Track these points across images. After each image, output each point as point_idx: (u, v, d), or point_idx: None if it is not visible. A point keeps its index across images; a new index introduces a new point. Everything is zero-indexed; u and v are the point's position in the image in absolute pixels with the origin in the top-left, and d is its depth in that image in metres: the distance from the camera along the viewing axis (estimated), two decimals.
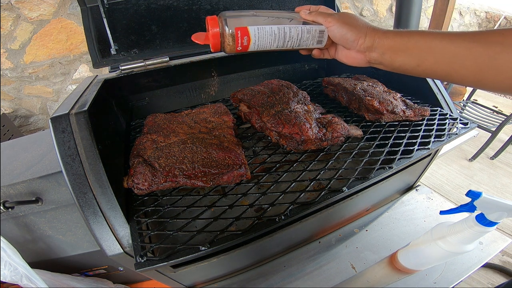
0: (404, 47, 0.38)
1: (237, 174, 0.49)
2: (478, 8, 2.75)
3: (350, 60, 0.46)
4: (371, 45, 0.41)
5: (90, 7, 0.69)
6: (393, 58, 0.40)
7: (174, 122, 0.60)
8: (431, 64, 0.37)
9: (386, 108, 0.65)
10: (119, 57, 0.72)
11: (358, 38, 0.41)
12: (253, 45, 0.43)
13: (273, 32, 0.43)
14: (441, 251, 0.55)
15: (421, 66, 0.38)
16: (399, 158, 0.55)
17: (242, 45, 0.43)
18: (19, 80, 1.46)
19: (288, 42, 0.45)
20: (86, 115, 0.45)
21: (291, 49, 0.47)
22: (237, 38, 0.42)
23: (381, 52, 0.40)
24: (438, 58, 0.36)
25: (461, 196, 1.55)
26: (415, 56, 0.38)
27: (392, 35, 0.39)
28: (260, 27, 0.42)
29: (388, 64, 0.41)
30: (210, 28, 0.42)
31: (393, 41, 0.39)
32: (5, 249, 0.55)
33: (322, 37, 0.46)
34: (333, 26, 0.43)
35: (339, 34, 0.43)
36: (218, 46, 0.44)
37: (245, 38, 0.42)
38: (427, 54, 0.37)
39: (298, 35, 0.45)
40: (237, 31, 0.41)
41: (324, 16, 0.44)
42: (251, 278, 0.66)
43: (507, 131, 1.80)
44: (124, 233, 0.44)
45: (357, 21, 0.42)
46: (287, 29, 0.44)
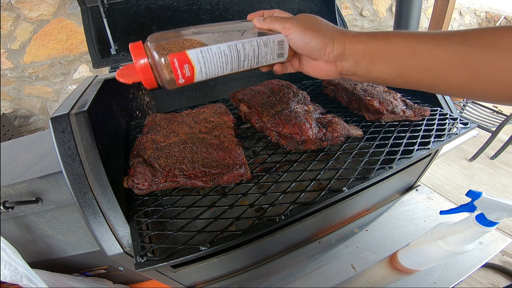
0: (382, 53, 0.32)
1: (237, 174, 0.49)
2: (478, 8, 2.75)
3: (318, 73, 0.39)
4: (341, 52, 0.34)
5: (90, 7, 0.69)
6: (369, 67, 0.33)
7: (174, 122, 0.60)
8: (415, 73, 0.31)
9: (386, 108, 0.65)
10: (119, 57, 0.72)
11: (325, 46, 0.34)
12: (199, 74, 0.33)
13: (223, 53, 0.33)
14: (441, 251, 0.55)
15: (404, 75, 0.32)
16: (399, 158, 0.55)
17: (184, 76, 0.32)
18: (19, 80, 1.46)
19: (243, 62, 0.36)
20: (86, 115, 0.45)
21: (248, 69, 0.38)
22: (175, 68, 0.31)
23: (354, 60, 0.34)
24: (424, 65, 0.30)
25: (461, 196, 1.55)
26: (396, 64, 0.31)
27: (366, 39, 0.33)
28: (204, 49, 0.32)
29: (364, 75, 0.35)
30: (135, 59, 0.32)
31: (367, 46, 0.32)
32: (5, 249, 0.55)
33: (282, 49, 0.37)
34: (293, 33, 0.35)
35: (301, 42, 0.35)
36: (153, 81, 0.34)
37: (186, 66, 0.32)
38: (410, 60, 0.30)
39: (255, 51, 0.35)
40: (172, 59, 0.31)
41: (281, 22, 0.36)
42: (251, 278, 0.66)
43: (507, 131, 1.80)
44: (124, 233, 0.44)
45: (321, 25, 0.35)
46: (240, 46, 0.34)
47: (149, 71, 0.33)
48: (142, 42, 0.33)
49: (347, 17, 2.08)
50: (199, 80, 0.35)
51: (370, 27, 2.21)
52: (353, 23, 2.13)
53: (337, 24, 0.91)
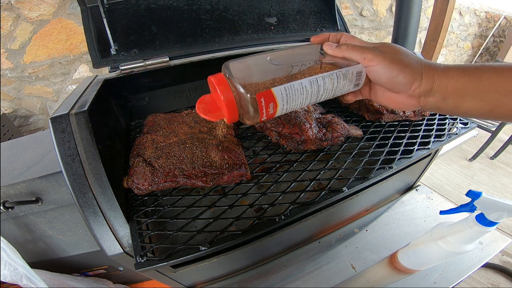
0: (475, 90, 0.30)
1: (237, 174, 0.49)
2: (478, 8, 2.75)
3: (395, 105, 0.36)
4: (429, 89, 0.32)
5: (90, 7, 0.69)
6: (457, 104, 0.32)
7: (174, 122, 0.60)
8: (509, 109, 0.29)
9: (386, 108, 0.65)
10: (119, 57, 0.72)
11: (412, 81, 0.32)
12: (280, 111, 0.32)
13: (305, 89, 0.31)
14: (441, 251, 0.55)
15: (495, 111, 0.31)
16: (399, 158, 0.55)
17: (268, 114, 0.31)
18: (19, 80, 1.46)
19: (322, 95, 0.34)
20: (86, 115, 0.45)
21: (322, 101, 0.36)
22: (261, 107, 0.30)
23: (441, 96, 0.32)
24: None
25: (461, 196, 1.55)
26: (488, 101, 0.30)
27: (458, 75, 0.31)
28: (287, 86, 0.31)
29: (450, 110, 0.33)
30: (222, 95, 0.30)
31: (458, 82, 0.31)
32: (5, 249, 0.55)
33: (359, 80, 0.35)
34: (376, 65, 0.33)
35: (387, 76, 0.32)
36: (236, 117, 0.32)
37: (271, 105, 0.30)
38: (505, 98, 0.29)
39: (334, 84, 0.33)
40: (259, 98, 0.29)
41: (361, 52, 0.33)
42: (251, 278, 0.66)
43: (507, 131, 1.80)
44: (124, 233, 0.44)
45: (408, 58, 0.32)
46: (321, 81, 0.32)
47: (235, 108, 0.31)
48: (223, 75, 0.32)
49: (347, 17, 2.08)
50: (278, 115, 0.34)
51: (370, 27, 2.21)
52: (353, 23, 2.13)
53: (337, 24, 0.91)
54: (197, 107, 0.34)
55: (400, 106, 0.36)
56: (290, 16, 0.90)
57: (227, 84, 0.31)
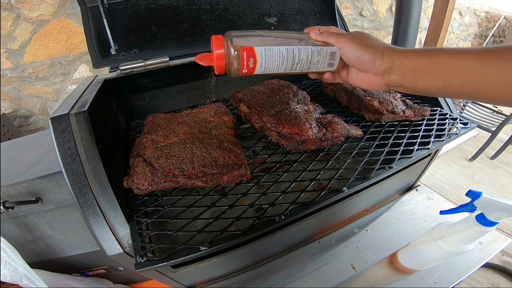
0: (428, 68, 0.35)
1: (237, 174, 0.49)
2: (478, 8, 2.75)
3: (366, 84, 0.42)
4: (389, 66, 0.37)
5: (90, 7, 0.69)
6: (416, 80, 0.37)
7: (174, 122, 0.60)
8: (458, 85, 0.34)
9: (386, 108, 0.65)
10: (119, 57, 0.72)
11: (375, 60, 0.38)
12: (259, 68, 0.40)
13: (281, 54, 0.40)
14: (441, 251, 0.55)
15: (447, 87, 0.35)
16: (399, 158, 0.55)
17: (248, 67, 0.40)
18: (19, 80, 1.46)
19: (297, 65, 0.42)
20: (86, 115, 0.45)
21: (299, 72, 0.44)
22: (243, 59, 0.39)
23: (401, 74, 0.37)
24: (466, 79, 0.33)
25: (461, 196, 1.55)
26: (440, 78, 0.35)
27: (413, 55, 0.36)
28: (267, 48, 0.39)
29: (410, 87, 0.38)
30: (215, 49, 0.39)
31: (414, 61, 0.36)
32: (5, 249, 0.55)
33: (333, 59, 0.42)
34: (346, 47, 0.40)
35: (354, 55, 0.39)
36: (222, 68, 0.41)
37: (251, 59, 0.39)
38: (453, 75, 0.34)
39: (308, 57, 0.41)
40: (242, 52, 0.38)
41: (337, 37, 0.40)
42: (251, 278, 0.66)
43: (507, 131, 1.80)
44: (124, 233, 0.44)
45: (373, 41, 0.39)
46: (296, 51, 0.40)
47: (222, 59, 0.40)
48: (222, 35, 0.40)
49: (347, 17, 2.08)
50: (258, 73, 0.42)
51: (370, 27, 2.21)
52: (353, 23, 2.13)
53: (337, 24, 0.92)
54: (195, 57, 0.43)
55: (370, 85, 0.42)
56: (290, 16, 0.90)
57: (222, 41, 0.39)
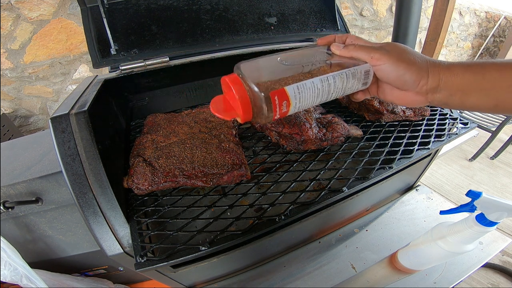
0: (479, 86, 0.32)
1: (237, 174, 0.49)
2: (478, 8, 2.75)
3: (403, 102, 0.38)
4: (436, 85, 0.33)
5: (90, 7, 0.69)
6: (463, 100, 0.33)
7: (174, 122, 0.60)
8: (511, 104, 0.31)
9: (386, 108, 0.65)
10: (119, 57, 0.72)
11: (419, 79, 0.33)
12: (293, 109, 0.33)
13: (316, 88, 0.33)
14: (441, 251, 0.55)
15: (499, 106, 0.32)
16: (399, 158, 0.55)
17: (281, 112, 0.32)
18: (19, 80, 1.46)
19: (332, 94, 0.35)
20: (86, 115, 0.45)
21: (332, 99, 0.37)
22: (275, 105, 0.31)
23: (448, 93, 0.33)
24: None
25: (461, 196, 1.55)
26: (493, 97, 0.32)
27: (461, 72, 0.32)
28: (300, 85, 0.32)
29: (457, 105, 0.35)
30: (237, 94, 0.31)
31: (463, 79, 0.32)
32: (5, 249, 0.55)
33: (367, 78, 0.36)
34: (383, 64, 0.34)
35: (394, 74, 0.34)
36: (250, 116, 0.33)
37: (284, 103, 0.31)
38: (508, 94, 0.31)
39: (343, 82, 0.35)
40: (273, 97, 0.30)
41: (368, 51, 0.35)
42: (251, 278, 0.66)
43: (507, 131, 1.80)
44: (124, 233, 0.44)
45: (414, 57, 0.34)
46: (331, 80, 0.34)
47: (249, 106, 0.32)
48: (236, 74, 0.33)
49: (347, 17, 2.08)
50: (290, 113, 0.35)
51: (370, 27, 2.21)
52: (353, 23, 2.13)
53: (337, 24, 0.91)
54: (211, 107, 0.35)
55: (408, 103, 0.37)
56: (290, 16, 0.90)
57: (242, 84, 0.32)
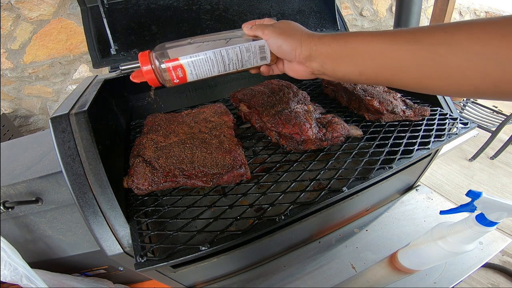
0: (343, 54, 0.33)
1: (237, 174, 0.49)
2: (478, 8, 2.75)
3: (295, 73, 0.42)
4: (309, 54, 0.36)
5: (90, 7, 0.69)
6: (334, 68, 0.35)
7: (174, 122, 0.60)
8: (373, 71, 0.32)
9: (386, 108, 0.65)
10: (119, 57, 0.72)
11: (294, 48, 0.37)
12: (190, 76, 0.41)
13: (209, 58, 0.40)
14: (441, 251, 0.55)
15: (364, 74, 0.33)
16: (399, 158, 0.55)
17: (178, 77, 0.41)
18: (19, 80, 1.46)
19: (229, 65, 0.42)
20: (86, 115, 0.45)
21: (235, 71, 0.44)
22: (170, 71, 0.40)
23: (320, 61, 0.36)
24: (380, 64, 0.31)
25: (461, 196, 1.55)
26: (356, 64, 0.33)
27: (329, 41, 0.34)
28: (193, 55, 0.39)
29: (331, 74, 0.37)
30: (142, 65, 0.41)
31: (330, 47, 0.34)
32: (5, 249, 0.55)
33: (264, 53, 0.42)
34: (269, 38, 0.39)
35: (276, 45, 0.39)
36: (155, 81, 0.42)
37: (179, 70, 0.40)
38: (368, 60, 0.32)
39: (238, 55, 0.41)
40: (168, 64, 0.39)
41: (262, 29, 0.40)
42: (251, 278, 0.66)
43: (507, 131, 1.80)
44: (124, 233, 0.44)
45: (292, 29, 0.38)
46: (224, 52, 0.40)
47: (151, 74, 0.41)
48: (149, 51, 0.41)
49: (347, 17, 2.08)
50: (191, 80, 0.42)
51: (370, 27, 2.21)
52: (353, 23, 2.13)
53: (337, 24, 0.91)
54: (131, 75, 0.44)
55: (298, 73, 0.41)
56: (290, 16, 0.90)
57: (147, 57, 0.40)
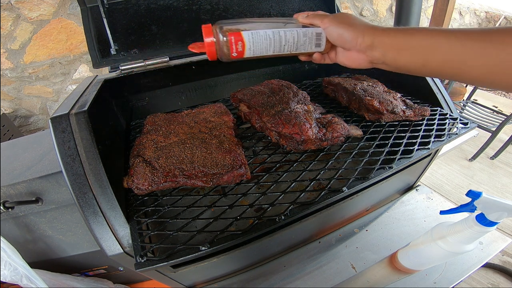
0: (408, 45, 0.36)
1: (237, 174, 0.49)
2: (478, 8, 2.75)
3: (351, 62, 0.44)
4: (371, 43, 0.38)
5: (90, 7, 0.69)
6: (396, 58, 0.38)
7: (174, 122, 0.60)
8: (438, 64, 0.35)
9: (386, 108, 0.65)
10: (119, 57, 0.72)
11: (356, 37, 0.39)
12: (248, 51, 0.42)
13: (268, 36, 0.42)
14: (441, 251, 0.55)
15: (427, 66, 0.36)
16: (399, 158, 0.55)
17: (237, 51, 0.42)
18: (19, 80, 1.46)
19: (284, 46, 0.44)
20: (86, 115, 0.45)
21: (289, 54, 0.46)
22: (231, 44, 0.41)
23: (382, 51, 0.38)
24: (445, 58, 0.34)
25: (461, 196, 1.55)
26: (420, 56, 0.36)
27: (394, 33, 0.37)
28: (254, 32, 0.41)
29: (392, 64, 0.39)
30: (205, 36, 0.42)
31: (395, 39, 0.37)
32: (5, 249, 0.55)
33: (320, 40, 0.44)
34: (329, 26, 0.42)
35: (336, 34, 0.41)
36: (214, 55, 0.43)
37: (240, 43, 0.41)
38: (433, 53, 0.34)
39: (294, 38, 0.43)
40: (230, 37, 0.41)
41: (321, 18, 0.43)
42: (251, 278, 0.66)
43: (507, 131, 1.80)
44: (124, 233, 0.44)
45: (354, 20, 0.41)
46: (282, 33, 0.43)
47: (213, 46, 0.43)
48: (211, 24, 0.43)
49: None
50: (247, 56, 0.43)
51: None
52: None
53: None
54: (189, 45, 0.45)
55: (355, 62, 0.43)
56: (290, 16, 0.90)
57: (210, 29, 0.42)
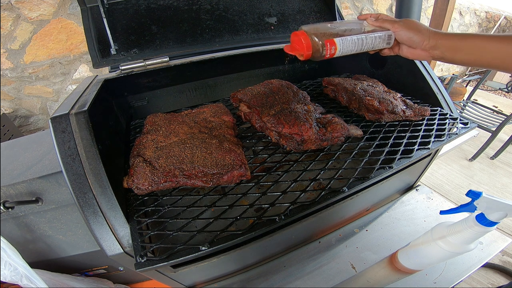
0: (463, 47, 0.48)
1: (237, 174, 0.49)
2: (478, 8, 2.75)
3: (414, 56, 0.55)
4: (434, 44, 0.50)
5: (90, 7, 0.69)
6: (453, 56, 0.49)
7: (174, 122, 0.60)
8: (487, 60, 0.46)
9: (386, 108, 0.65)
10: (119, 57, 0.72)
11: (423, 40, 0.51)
12: (338, 52, 0.52)
13: (354, 41, 0.53)
14: (441, 251, 0.55)
15: (478, 61, 0.47)
16: (399, 158, 0.55)
17: (330, 53, 0.51)
18: (19, 80, 1.46)
19: (363, 47, 0.54)
20: (86, 115, 0.45)
21: (366, 51, 0.57)
22: (327, 48, 0.51)
23: (443, 51, 0.50)
24: (493, 55, 0.45)
25: (461, 196, 1.55)
26: (472, 54, 0.47)
27: (453, 37, 0.49)
28: (343, 38, 0.52)
29: (449, 60, 0.51)
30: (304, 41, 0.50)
31: (453, 42, 0.48)
32: (5, 249, 0.55)
33: (390, 40, 0.56)
34: (400, 31, 0.53)
35: (406, 37, 0.53)
36: (309, 56, 0.52)
37: (333, 48, 0.51)
38: (483, 53, 0.46)
39: (373, 41, 0.55)
40: (326, 43, 0.50)
41: (391, 23, 0.54)
42: (251, 278, 0.66)
43: (507, 131, 1.80)
44: (124, 233, 0.44)
45: (420, 26, 0.52)
46: (364, 37, 0.54)
47: (310, 50, 0.50)
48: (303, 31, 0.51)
49: (347, 17, 2.08)
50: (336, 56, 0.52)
51: None
52: None
53: None
54: (285, 48, 0.53)
55: (417, 56, 0.54)
56: (290, 16, 0.90)
57: (306, 35, 0.50)
